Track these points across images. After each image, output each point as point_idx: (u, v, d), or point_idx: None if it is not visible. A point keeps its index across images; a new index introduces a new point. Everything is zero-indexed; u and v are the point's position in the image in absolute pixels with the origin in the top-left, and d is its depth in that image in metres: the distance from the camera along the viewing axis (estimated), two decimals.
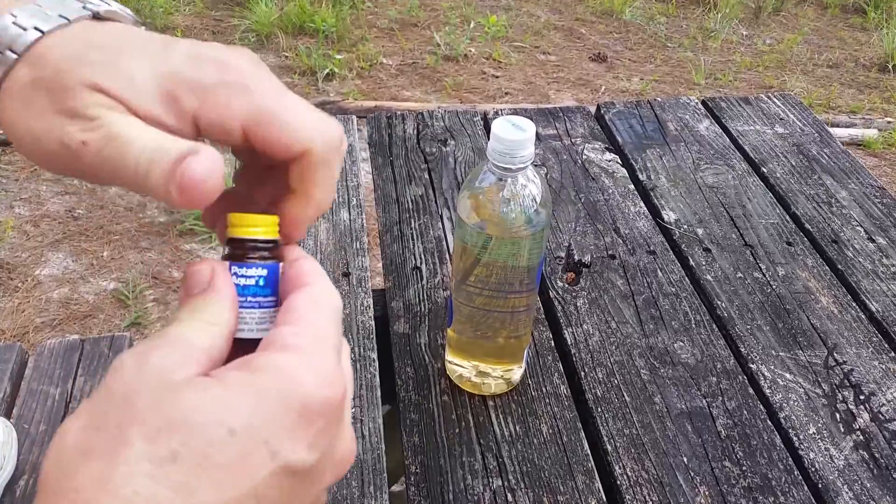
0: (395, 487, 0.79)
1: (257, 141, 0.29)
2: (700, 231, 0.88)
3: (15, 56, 0.28)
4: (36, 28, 0.28)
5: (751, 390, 0.69)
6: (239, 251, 0.33)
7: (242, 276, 0.32)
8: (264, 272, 0.32)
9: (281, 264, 0.33)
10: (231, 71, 0.29)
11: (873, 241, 0.88)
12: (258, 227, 0.32)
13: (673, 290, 0.79)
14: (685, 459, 0.63)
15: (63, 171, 0.29)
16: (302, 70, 2.90)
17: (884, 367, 0.72)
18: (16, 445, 0.83)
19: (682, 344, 0.73)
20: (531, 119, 0.84)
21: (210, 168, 0.27)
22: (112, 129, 0.27)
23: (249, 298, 0.32)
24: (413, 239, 0.84)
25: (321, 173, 0.31)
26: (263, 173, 0.34)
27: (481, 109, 1.42)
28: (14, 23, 0.29)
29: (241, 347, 0.31)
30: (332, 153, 0.31)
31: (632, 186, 0.95)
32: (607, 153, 1.00)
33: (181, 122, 0.28)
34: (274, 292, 0.33)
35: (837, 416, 0.67)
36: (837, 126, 2.76)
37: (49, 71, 0.28)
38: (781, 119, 1.10)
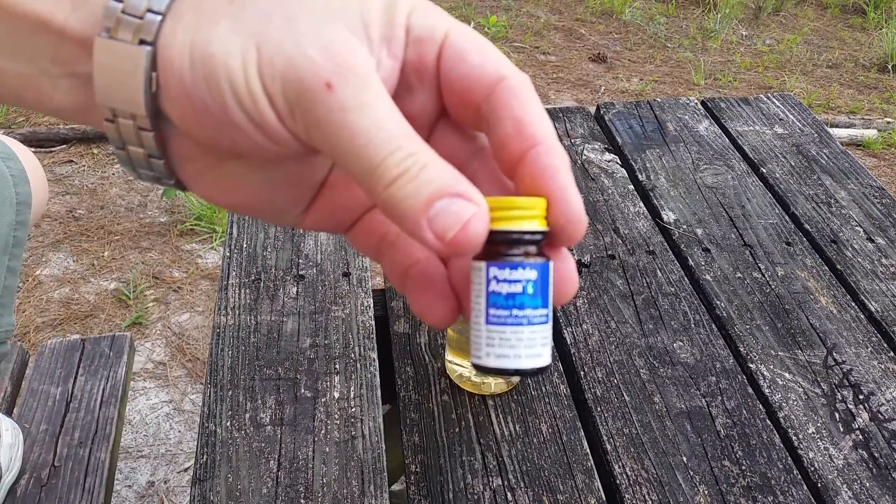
0: (396, 486, 0.79)
1: (453, 50, 0.25)
2: (699, 231, 0.88)
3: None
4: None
5: (750, 390, 0.69)
6: (497, 248, 0.24)
7: (504, 280, 0.24)
8: (533, 275, 0.24)
9: (551, 263, 0.25)
10: None
11: (872, 241, 0.88)
12: (512, 211, 0.24)
13: (672, 289, 0.79)
14: (684, 459, 0.63)
15: (274, 108, 0.23)
16: None
17: (883, 366, 0.72)
18: (21, 447, 0.83)
19: (681, 344, 0.73)
20: None
21: (483, 229, 0.23)
22: (365, 89, 0.22)
23: (514, 312, 0.24)
24: None
25: (532, 105, 0.25)
26: None
27: None
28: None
29: (507, 373, 0.25)
30: (531, 88, 0.25)
31: (631, 187, 0.95)
32: (607, 153, 1.00)
33: (396, 29, 0.24)
34: (545, 303, 0.25)
35: (836, 415, 0.67)
36: (837, 126, 2.77)
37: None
38: (781, 119, 1.10)
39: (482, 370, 0.25)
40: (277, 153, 0.24)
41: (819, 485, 0.62)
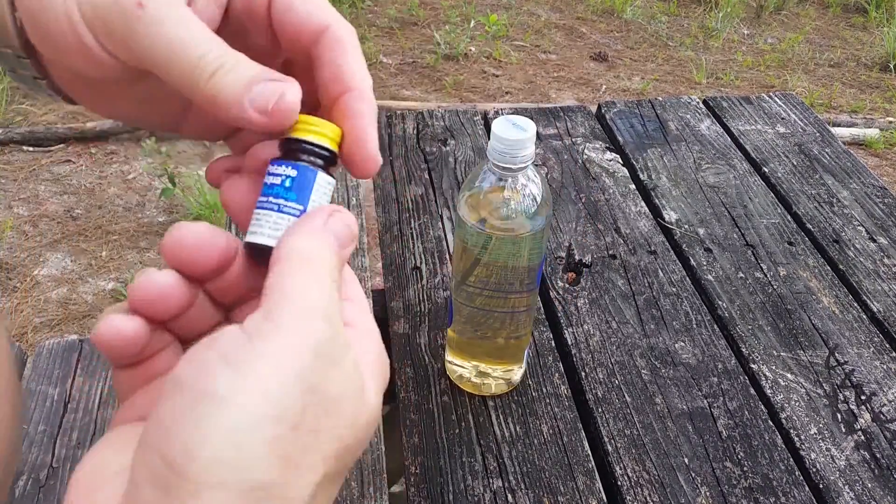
0: (395, 488, 0.79)
1: (278, 15, 0.29)
2: (701, 231, 0.88)
3: None
4: None
5: (752, 390, 0.69)
6: (283, 150, 0.29)
7: (271, 173, 0.29)
8: (293, 172, 0.28)
9: (319, 173, 0.29)
10: None
11: (875, 240, 0.88)
12: (308, 126, 0.28)
13: (674, 290, 0.79)
14: (686, 460, 0.62)
15: (94, 32, 0.27)
16: None
17: (885, 367, 0.72)
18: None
19: (683, 344, 0.73)
20: (532, 118, 0.84)
21: (297, 98, 0.27)
22: (173, 7, 0.26)
23: (271, 198, 0.28)
24: (413, 239, 0.84)
25: (351, 54, 0.29)
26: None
27: (481, 109, 1.42)
28: None
29: (253, 252, 0.29)
30: (353, 36, 0.30)
31: (633, 186, 0.94)
32: (608, 153, 1.00)
33: None
34: (300, 200, 0.28)
35: (839, 416, 0.67)
36: (839, 126, 2.76)
37: None
38: (783, 119, 1.09)
39: (244, 247, 0.29)
40: (106, 76, 0.28)
41: (821, 486, 0.61)
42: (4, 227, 2.04)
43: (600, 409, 0.66)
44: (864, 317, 0.77)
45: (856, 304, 0.79)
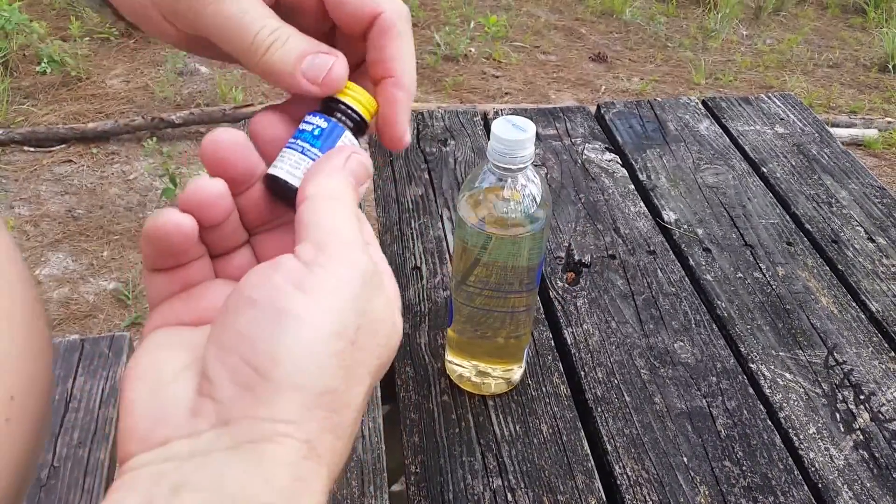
0: (395, 487, 0.79)
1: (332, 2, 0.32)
2: (700, 231, 0.88)
3: None
4: None
5: (751, 390, 0.69)
6: (322, 105, 0.32)
7: (305, 121, 0.32)
8: (324, 125, 0.31)
9: (346, 132, 0.32)
10: None
11: (873, 241, 0.88)
12: (350, 92, 0.32)
13: (673, 290, 0.79)
14: (685, 459, 0.63)
15: (167, 15, 0.31)
16: None
17: (884, 366, 0.72)
18: None
19: (682, 344, 0.73)
20: (531, 119, 0.84)
21: (345, 71, 0.32)
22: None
23: (299, 142, 0.31)
24: (413, 239, 0.84)
25: (396, 42, 0.32)
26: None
27: (481, 109, 1.42)
28: None
29: (272, 185, 0.31)
30: (403, 21, 0.32)
31: (632, 186, 0.95)
32: (607, 153, 1.00)
33: None
34: (323, 148, 0.31)
35: (837, 415, 0.67)
36: (837, 126, 2.76)
37: None
38: (781, 119, 1.10)
39: (264, 178, 0.31)
40: (171, 40, 0.32)
41: (820, 485, 0.61)
42: (6, 227, 2.04)
43: (600, 409, 0.67)
44: (863, 316, 0.77)
45: (854, 304, 0.79)
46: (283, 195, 0.31)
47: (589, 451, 0.63)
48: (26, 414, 0.27)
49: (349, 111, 0.32)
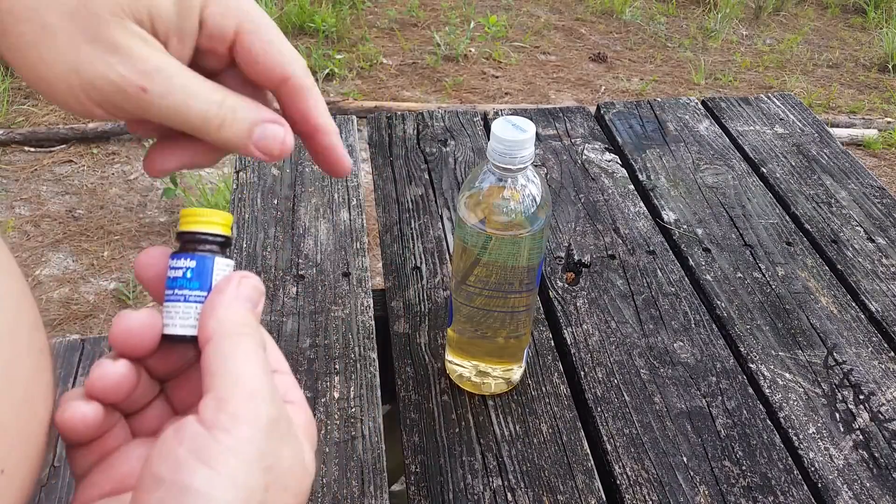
0: (396, 487, 0.79)
1: (243, 49, 0.33)
2: (700, 231, 0.88)
3: None
4: None
5: (750, 390, 0.69)
6: (180, 243, 0.32)
7: (172, 267, 0.31)
8: (192, 263, 0.31)
9: (216, 259, 0.32)
10: None
11: (873, 241, 0.88)
12: (198, 217, 0.32)
13: (672, 289, 0.79)
14: (685, 459, 0.63)
15: (102, 108, 0.31)
16: None
17: (883, 366, 0.72)
18: None
19: (681, 344, 0.73)
20: (531, 119, 0.84)
21: (291, 142, 0.34)
22: (171, 79, 0.31)
23: (176, 291, 0.31)
24: (413, 239, 0.84)
25: (311, 99, 0.35)
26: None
27: (481, 110, 1.42)
28: None
29: (170, 343, 0.31)
30: (308, 76, 0.34)
31: (631, 187, 0.95)
32: (607, 153, 1.00)
33: (188, 21, 0.32)
34: (203, 286, 0.31)
35: (837, 415, 0.67)
36: (837, 126, 2.76)
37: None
38: (781, 119, 1.10)
39: (162, 339, 0.31)
40: (91, 117, 0.32)
41: (819, 485, 0.62)
42: (6, 227, 2.04)
43: (599, 409, 0.67)
44: (863, 316, 0.78)
45: (854, 304, 0.79)
46: (183, 345, 0.31)
47: (589, 451, 0.63)
48: (20, 467, 0.28)
49: (209, 237, 0.32)
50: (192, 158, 0.35)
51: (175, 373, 0.34)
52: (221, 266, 0.32)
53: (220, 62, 0.34)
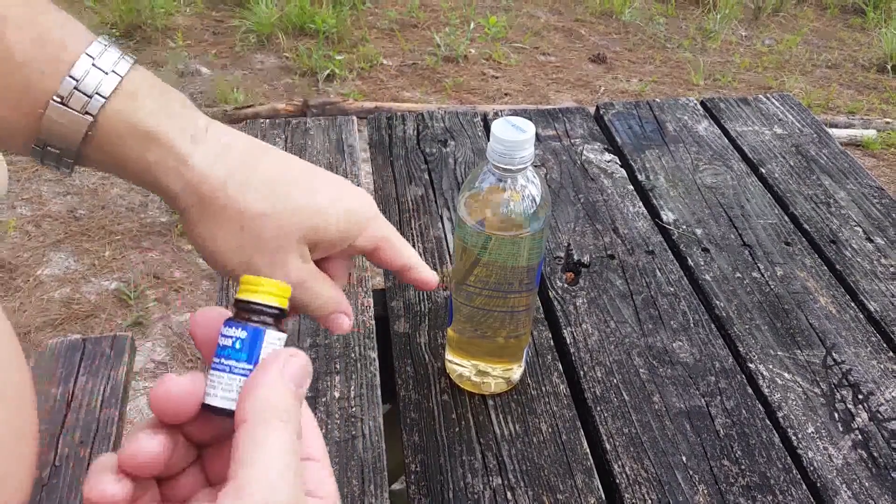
0: (396, 486, 0.80)
1: (383, 254, 0.47)
2: (699, 231, 0.88)
3: (91, 118, 0.38)
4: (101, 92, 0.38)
5: (749, 389, 0.69)
6: (235, 310, 0.31)
7: (223, 335, 0.31)
8: (243, 334, 0.30)
9: (267, 331, 0.31)
10: (374, 207, 0.46)
11: (872, 241, 0.89)
12: (258, 287, 0.31)
13: (672, 289, 0.80)
14: (684, 458, 0.63)
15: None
16: (302, 71, 2.91)
17: (882, 366, 0.73)
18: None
19: (680, 343, 0.73)
20: (531, 120, 0.84)
21: (348, 325, 0.47)
22: (304, 284, 0.43)
23: (223, 360, 0.30)
24: (413, 239, 0.84)
25: (406, 254, 0.48)
26: None
27: (481, 110, 1.42)
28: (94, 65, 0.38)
29: (211, 412, 0.30)
30: (402, 241, 0.48)
31: (631, 187, 0.95)
32: (606, 154, 1.01)
33: (342, 244, 0.45)
34: (251, 359, 0.30)
35: (836, 415, 0.68)
36: (836, 126, 2.76)
37: (238, 207, 0.41)
38: (780, 120, 1.10)
39: (202, 408, 0.31)
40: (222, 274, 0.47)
41: (818, 484, 0.62)
42: (8, 227, 2.05)
43: (599, 408, 0.67)
44: (862, 316, 0.78)
45: (853, 304, 0.79)
46: (223, 417, 0.30)
47: (588, 451, 0.63)
48: None
49: (264, 308, 0.31)
50: None
51: (213, 441, 0.33)
52: (272, 339, 0.31)
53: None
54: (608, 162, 0.99)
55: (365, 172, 1.08)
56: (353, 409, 0.65)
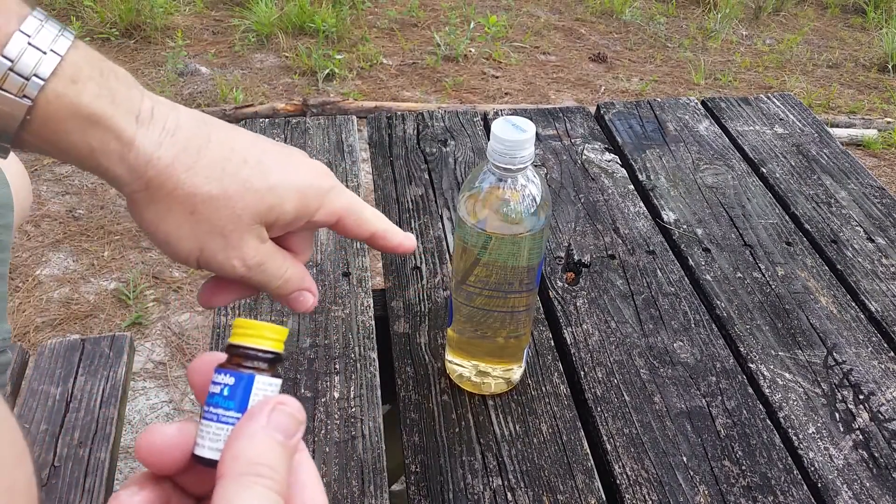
0: (396, 486, 0.79)
1: (347, 225, 0.45)
2: (699, 231, 0.88)
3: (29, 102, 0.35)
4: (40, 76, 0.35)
5: (750, 390, 0.69)
6: (227, 356, 0.30)
7: (213, 382, 0.29)
8: (231, 381, 0.29)
9: (257, 378, 0.29)
10: (331, 177, 0.45)
11: (873, 241, 0.88)
12: (249, 330, 0.30)
13: (672, 289, 0.79)
14: (685, 459, 0.63)
15: (205, 269, 0.42)
16: (302, 70, 2.90)
17: (883, 366, 0.72)
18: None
19: (681, 343, 0.73)
20: (531, 119, 0.84)
21: (312, 303, 0.46)
22: (263, 265, 0.42)
23: (212, 409, 0.29)
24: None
25: (374, 222, 0.47)
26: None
27: (481, 110, 1.42)
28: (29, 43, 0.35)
29: (201, 464, 0.29)
30: (369, 210, 0.47)
31: (631, 187, 0.95)
32: (607, 153, 1.00)
33: (300, 220, 0.43)
34: (239, 407, 0.29)
35: (837, 415, 0.67)
36: (837, 126, 2.76)
37: (186, 190, 0.39)
38: (781, 119, 1.10)
39: (192, 458, 0.29)
40: (186, 264, 0.43)
41: (819, 485, 0.62)
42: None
43: (599, 408, 0.67)
44: (862, 316, 0.78)
45: (854, 304, 0.79)
46: (214, 468, 0.29)
47: (589, 451, 0.63)
48: None
49: (255, 353, 0.29)
50: (239, 294, 0.45)
51: (211, 493, 0.31)
52: (263, 385, 0.29)
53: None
54: (609, 161, 0.99)
55: (365, 172, 1.08)
56: (353, 410, 0.65)
